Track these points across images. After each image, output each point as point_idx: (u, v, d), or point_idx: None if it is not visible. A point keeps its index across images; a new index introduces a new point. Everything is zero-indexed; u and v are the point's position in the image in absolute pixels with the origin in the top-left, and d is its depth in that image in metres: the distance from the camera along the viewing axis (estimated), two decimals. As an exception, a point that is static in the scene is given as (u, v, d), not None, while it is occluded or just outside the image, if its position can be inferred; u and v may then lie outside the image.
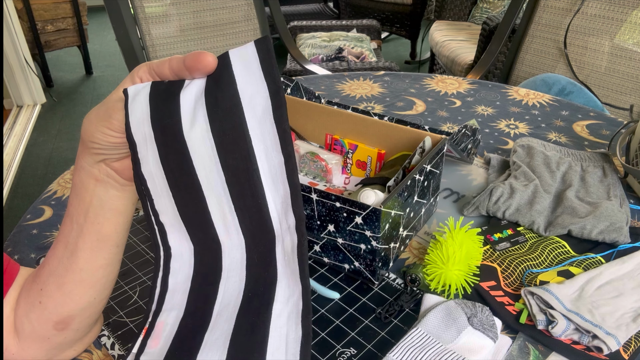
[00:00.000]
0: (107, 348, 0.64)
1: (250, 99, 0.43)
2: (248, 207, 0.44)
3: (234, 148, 0.43)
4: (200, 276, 0.46)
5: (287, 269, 0.44)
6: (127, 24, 1.72)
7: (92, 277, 0.53)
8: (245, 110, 0.43)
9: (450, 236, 0.70)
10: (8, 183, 2.47)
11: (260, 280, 0.44)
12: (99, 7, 4.59)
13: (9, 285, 0.55)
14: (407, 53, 3.89)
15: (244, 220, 0.44)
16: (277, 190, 0.43)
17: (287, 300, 0.43)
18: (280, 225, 0.44)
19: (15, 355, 0.55)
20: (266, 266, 0.44)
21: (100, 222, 0.51)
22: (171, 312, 0.46)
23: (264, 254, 0.44)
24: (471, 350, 0.61)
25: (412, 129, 0.85)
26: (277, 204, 0.44)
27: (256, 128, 0.43)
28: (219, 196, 0.44)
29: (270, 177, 0.43)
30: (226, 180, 0.44)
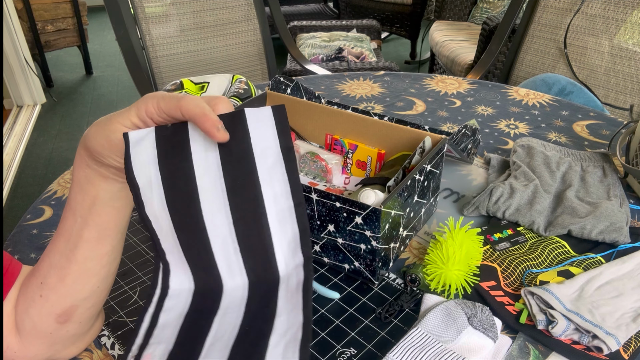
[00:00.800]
0: (107, 348, 0.64)
1: (262, 150, 0.46)
2: (254, 248, 0.46)
3: (243, 192, 0.46)
4: (196, 313, 0.47)
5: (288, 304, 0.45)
6: (127, 24, 1.72)
7: (97, 266, 0.54)
8: (256, 159, 0.46)
9: (450, 236, 0.70)
10: (8, 183, 2.47)
11: (259, 315, 0.45)
12: (99, 7, 4.60)
13: (12, 284, 0.56)
14: (407, 53, 3.89)
15: (248, 261, 0.46)
16: (284, 233, 0.46)
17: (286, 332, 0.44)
18: (287, 266, 0.46)
19: (17, 353, 0.55)
20: (267, 303, 0.45)
21: (107, 212, 0.52)
22: (159, 345, 0.47)
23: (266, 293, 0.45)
24: (471, 350, 0.61)
25: (412, 129, 0.85)
26: (283, 246, 0.46)
27: (266, 175, 0.46)
28: (224, 238, 0.46)
29: (278, 221, 0.46)
30: (233, 222, 0.46)
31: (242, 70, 1.98)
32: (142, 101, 0.47)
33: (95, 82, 3.59)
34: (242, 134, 0.46)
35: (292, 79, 1.00)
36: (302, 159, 0.93)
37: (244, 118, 0.46)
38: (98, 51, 4.11)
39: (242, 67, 1.98)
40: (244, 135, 0.46)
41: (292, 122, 0.98)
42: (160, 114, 0.46)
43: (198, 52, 1.89)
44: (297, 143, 0.97)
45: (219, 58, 1.94)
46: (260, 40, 1.98)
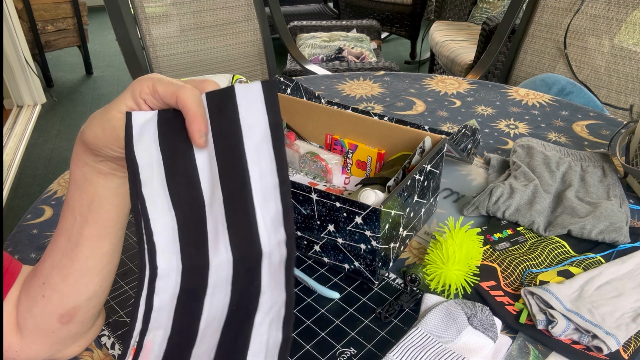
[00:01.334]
0: (107, 348, 0.64)
1: (250, 127, 0.46)
2: (239, 224, 0.46)
3: (232, 171, 0.46)
4: (186, 294, 0.48)
5: (271, 280, 0.45)
6: (127, 24, 1.72)
7: (99, 264, 0.54)
8: (244, 137, 0.46)
9: (450, 236, 0.70)
10: (8, 183, 2.47)
11: (245, 293, 0.46)
12: (99, 7, 4.59)
13: (12, 284, 0.56)
14: (407, 53, 3.89)
15: (234, 237, 0.46)
16: (267, 209, 0.46)
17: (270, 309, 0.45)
18: (269, 241, 0.46)
19: (18, 353, 0.55)
20: (252, 280, 0.46)
21: (107, 209, 0.52)
22: (158, 331, 0.48)
23: (249, 269, 0.46)
24: (471, 350, 0.61)
25: (412, 129, 0.85)
26: (267, 222, 0.46)
27: (253, 152, 0.46)
28: (216, 214, 0.47)
29: (262, 197, 0.46)
30: (223, 200, 0.46)
31: (242, 70, 1.98)
32: (136, 82, 0.47)
33: (95, 82, 3.59)
34: (232, 112, 0.46)
35: (292, 79, 1.00)
36: (302, 159, 0.93)
37: (233, 94, 0.47)
38: (98, 51, 4.11)
39: (242, 67, 1.98)
40: (233, 113, 0.46)
41: (292, 122, 0.98)
42: (154, 96, 0.46)
43: (198, 52, 1.90)
44: (297, 143, 0.97)
45: (219, 58, 1.94)
46: (260, 40, 1.98)
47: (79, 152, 0.50)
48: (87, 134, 0.48)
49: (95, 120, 0.48)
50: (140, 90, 0.47)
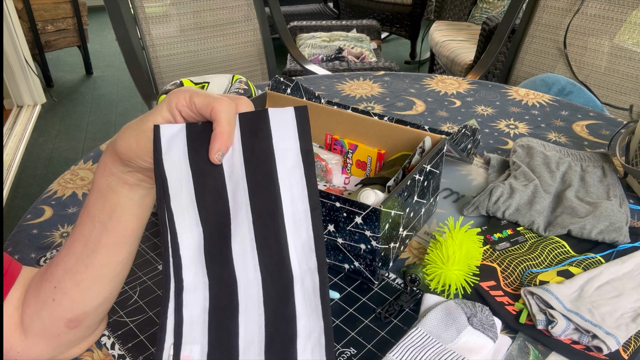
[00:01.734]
0: (107, 348, 0.64)
1: (282, 152, 0.48)
2: (269, 247, 0.47)
3: (264, 193, 0.47)
4: (218, 310, 0.48)
5: (307, 307, 0.47)
6: (127, 24, 1.72)
7: (113, 272, 0.54)
8: (277, 160, 0.48)
9: (450, 236, 0.70)
10: (8, 183, 2.47)
11: (280, 316, 0.47)
12: (99, 7, 4.59)
13: (11, 285, 0.55)
14: (407, 53, 3.89)
15: (263, 258, 0.47)
16: (299, 235, 0.47)
17: (309, 335, 0.46)
18: (300, 266, 0.47)
19: (20, 353, 0.55)
20: (285, 303, 0.47)
21: (127, 219, 0.52)
22: (194, 346, 0.48)
23: (281, 292, 0.47)
24: (471, 350, 0.61)
25: (412, 129, 0.85)
26: (297, 247, 0.47)
27: (285, 178, 0.47)
28: (243, 235, 0.47)
29: (293, 223, 0.47)
30: (253, 221, 0.47)
31: (242, 70, 1.98)
32: (173, 94, 0.47)
33: (95, 82, 3.59)
34: (265, 133, 0.47)
35: (292, 79, 1.00)
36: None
37: (267, 118, 0.48)
38: (98, 51, 4.11)
39: (242, 67, 1.98)
40: (266, 136, 0.47)
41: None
42: (190, 108, 0.47)
43: (198, 52, 1.90)
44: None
45: (219, 58, 1.94)
46: (260, 40, 1.98)
47: (107, 162, 0.50)
48: (120, 144, 0.48)
49: (129, 131, 0.48)
50: (177, 102, 0.47)
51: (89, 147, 2.78)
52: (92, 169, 1.02)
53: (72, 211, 0.89)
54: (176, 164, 0.48)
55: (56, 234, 0.84)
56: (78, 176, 0.99)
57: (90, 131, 2.95)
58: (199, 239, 0.49)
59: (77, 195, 0.93)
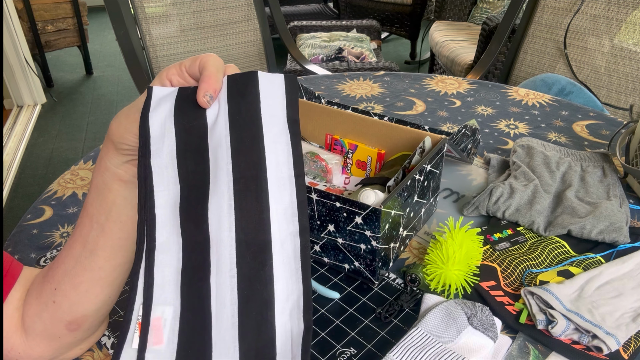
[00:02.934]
0: (108, 348, 0.64)
1: (270, 117, 0.47)
2: (248, 208, 0.46)
3: (247, 153, 0.46)
4: (189, 271, 0.47)
5: (285, 270, 0.46)
6: (127, 24, 1.72)
7: (110, 276, 0.54)
8: (264, 125, 0.47)
9: (450, 236, 0.70)
10: (8, 183, 2.47)
11: (255, 278, 0.46)
12: (99, 7, 4.59)
13: (12, 285, 0.55)
14: (407, 53, 3.89)
15: (240, 219, 0.46)
16: (281, 199, 0.47)
17: (287, 298, 0.45)
18: (280, 230, 0.46)
19: (21, 354, 0.55)
20: (261, 266, 0.46)
21: (123, 220, 0.52)
22: (166, 307, 0.47)
23: (257, 254, 0.46)
24: (471, 350, 0.61)
25: (412, 129, 0.85)
26: (278, 210, 0.46)
27: (271, 142, 0.47)
28: (221, 194, 0.46)
29: (277, 187, 0.47)
30: (233, 180, 0.46)
31: (242, 70, 1.98)
32: (164, 71, 0.49)
33: (95, 82, 3.59)
34: (252, 96, 0.47)
35: (292, 79, 1.00)
36: (302, 159, 0.93)
37: (256, 81, 0.47)
38: (98, 51, 4.11)
39: (242, 67, 1.98)
40: (254, 99, 0.47)
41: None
42: (180, 74, 0.48)
43: (198, 52, 1.89)
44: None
45: (219, 58, 1.93)
46: (260, 40, 1.98)
47: (103, 156, 0.51)
48: (112, 124, 0.49)
49: (121, 112, 0.49)
50: (167, 72, 0.48)
51: (89, 147, 2.78)
52: (92, 169, 1.02)
53: (72, 211, 0.89)
54: (161, 121, 0.48)
55: (56, 234, 0.84)
56: (78, 176, 0.99)
57: (90, 131, 2.95)
58: (175, 196, 0.48)
59: (77, 195, 0.93)
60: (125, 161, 0.50)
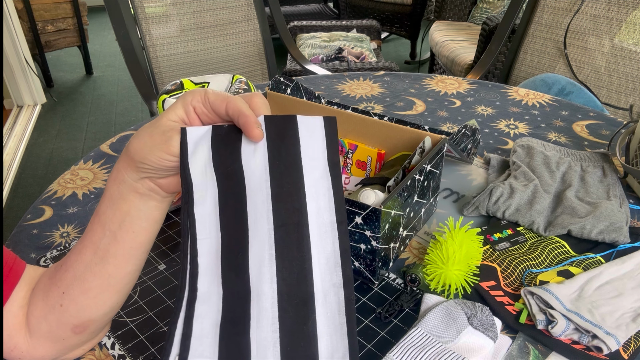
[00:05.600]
0: (108, 348, 0.64)
1: (310, 161, 0.46)
2: (290, 258, 0.45)
3: (288, 200, 0.45)
4: (229, 324, 0.45)
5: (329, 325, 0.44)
6: (127, 24, 1.72)
7: (120, 283, 0.54)
8: (304, 169, 0.45)
9: (450, 236, 0.70)
10: (8, 183, 2.47)
11: (298, 334, 0.44)
12: (99, 7, 4.60)
13: (16, 283, 0.55)
14: (407, 53, 3.89)
15: (282, 270, 0.44)
16: (324, 248, 0.45)
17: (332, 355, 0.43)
18: (323, 281, 0.44)
19: (24, 353, 0.55)
20: (305, 320, 0.44)
21: (135, 230, 0.51)
22: None
23: (300, 307, 0.44)
24: (471, 350, 0.61)
25: (412, 129, 0.85)
26: (321, 261, 0.45)
27: (312, 187, 0.45)
28: (262, 242, 0.45)
29: (319, 235, 0.45)
30: (274, 228, 0.45)
31: (242, 71, 1.98)
32: (188, 92, 0.47)
33: (95, 82, 3.59)
34: (292, 140, 0.46)
35: (292, 79, 1.00)
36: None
37: (295, 124, 0.46)
38: (98, 51, 4.11)
39: (242, 67, 1.98)
40: (294, 142, 0.46)
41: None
42: (204, 104, 0.46)
43: (198, 52, 1.90)
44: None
45: (219, 58, 1.94)
46: (260, 40, 1.98)
47: (120, 168, 0.50)
48: (133, 143, 0.48)
49: (143, 130, 0.48)
50: (191, 98, 0.47)
51: (89, 147, 2.78)
52: (92, 169, 1.02)
53: (72, 211, 0.89)
54: (201, 168, 0.46)
55: (56, 234, 0.84)
56: (78, 176, 0.99)
57: (90, 131, 2.95)
58: (216, 245, 0.46)
59: (77, 195, 0.93)
60: (143, 177, 0.50)
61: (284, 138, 0.46)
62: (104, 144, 1.10)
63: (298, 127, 0.46)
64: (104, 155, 1.06)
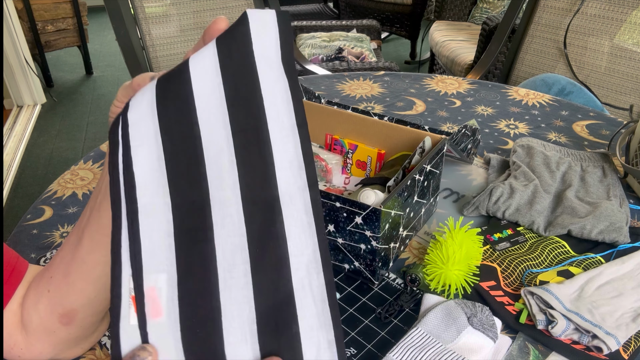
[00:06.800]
0: (107, 348, 0.64)
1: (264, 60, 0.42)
2: (252, 162, 0.42)
3: (245, 103, 0.42)
4: (186, 233, 0.42)
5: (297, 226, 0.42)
6: (127, 24, 1.72)
7: (92, 272, 0.53)
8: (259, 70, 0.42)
9: (450, 236, 0.70)
10: (8, 183, 2.47)
11: (266, 236, 0.42)
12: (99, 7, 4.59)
13: (19, 282, 0.56)
14: (407, 53, 3.89)
15: (244, 175, 0.42)
16: (286, 151, 0.42)
17: (302, 253, 0.42)
18: (288, 184, 0.42)
19: (23, 350, 0.56)
20: (272, 223, 0.42)
21: (100, 209, 0.50)
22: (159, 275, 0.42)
23: (266, 211, 0.42)
24: (471, 350, 0.61)
25: (412, 129, 0.85)
26: (284, 164, 0.42)
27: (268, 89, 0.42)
28: (220, 148, 0.42)
29: (280, 139, 0.42)
30: (232, 134, 0.42)
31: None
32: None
33: (95, 82, 3.59)
34: (244, 37, 0.42)
35: (292, 79, 1.00)
36: (302, 159, 0.93)
37: (246, 20, 0.42)
38: (98, 51, 4.11)
39: (242, 67, 1.98)
40: (246, 40, 0.42)
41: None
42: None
43: (198, 52, 1.89)
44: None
45: (219, 58, 1.94)
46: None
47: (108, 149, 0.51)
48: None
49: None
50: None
51: (89, 147, 2.78)
52: (92, 169, 1.02)
53: (72, 211, 0.89)
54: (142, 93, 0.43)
55: (56, 234, 0.84)
56: (78, 176, 0.99)
57: (90, 131, 2.95)
58: (157, 151, 0.42)
59: (77, 195, 0.93)
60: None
61: (234, 35, 0.42)
62: (104, 144, 1.10)
63: (249, 24, 0.42)
64: (104, 155, 1.06)
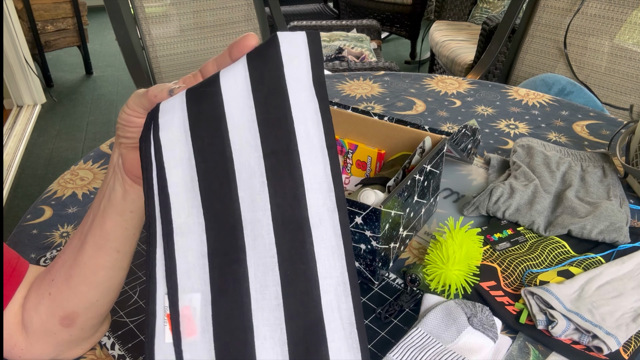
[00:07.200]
0: (107, 348, 0.64)
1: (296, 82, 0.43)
2: (282, 184, 0.43)
3: (276, 125, 0.42)
4: (219, 254, 0.43)
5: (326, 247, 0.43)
6: (127, 24, 1.72)
7: (95, 277, 0.54)
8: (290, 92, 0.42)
9: (450, 236, 0.70)
10: (8, 183, 2.47)
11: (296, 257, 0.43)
12: (99, 7, 4.59)
13: (19, 283, 0.56)
14: (407, 53, 3.89)
15: (275, 196, 0.43)
16: (315, 173, 0.43)
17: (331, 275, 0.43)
18: (317, 206, 0.43)
19: (24, 351, 0.56)
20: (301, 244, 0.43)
21: (113, 219, 0.51)
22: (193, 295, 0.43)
23: (296, 232, 0.43)
24: (471, 350, 0.61)
25: (412, 129, 0.85)
26: (314, 186, 0.43)
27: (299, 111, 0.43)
28: (251, 170, 0.43)
29: (310, 160, 0.43)
30: (263, 156, 0.42)
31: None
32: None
33: (95, 82, 3.59)
34: (275, 60, 0.42)
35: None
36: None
37: (277, 43, 0.42)
38: (98, 51, 4.10)
39: (242, 67, 1.98)
40: (277, 63, 0.42)
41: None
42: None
43: (198, 52, 1.89)
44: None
45: (219, 58, 1.93)
46: (261, 40, 1.98)
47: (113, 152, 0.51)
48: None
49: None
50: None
51: (89, 147, 2.78)
52: (92, 169, 1.02)
53: (72, 211, 0.89)
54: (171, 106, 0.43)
55: (56, 234, 0.84)
56: (78, 176, 0.99)
57: (90, 131, 2.95)
58: (190, 173, 0.43)
59: (77, 195, 0.93)
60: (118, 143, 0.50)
61: (265, 59, 0.43)
62: (104, 144, 1.10)
63: (280, 47, 0.42)
64: (104, 155, 1.06)
